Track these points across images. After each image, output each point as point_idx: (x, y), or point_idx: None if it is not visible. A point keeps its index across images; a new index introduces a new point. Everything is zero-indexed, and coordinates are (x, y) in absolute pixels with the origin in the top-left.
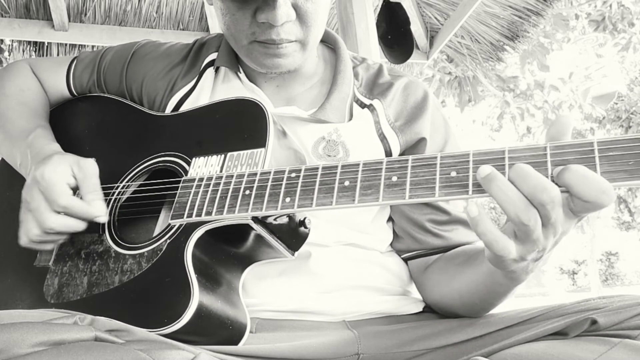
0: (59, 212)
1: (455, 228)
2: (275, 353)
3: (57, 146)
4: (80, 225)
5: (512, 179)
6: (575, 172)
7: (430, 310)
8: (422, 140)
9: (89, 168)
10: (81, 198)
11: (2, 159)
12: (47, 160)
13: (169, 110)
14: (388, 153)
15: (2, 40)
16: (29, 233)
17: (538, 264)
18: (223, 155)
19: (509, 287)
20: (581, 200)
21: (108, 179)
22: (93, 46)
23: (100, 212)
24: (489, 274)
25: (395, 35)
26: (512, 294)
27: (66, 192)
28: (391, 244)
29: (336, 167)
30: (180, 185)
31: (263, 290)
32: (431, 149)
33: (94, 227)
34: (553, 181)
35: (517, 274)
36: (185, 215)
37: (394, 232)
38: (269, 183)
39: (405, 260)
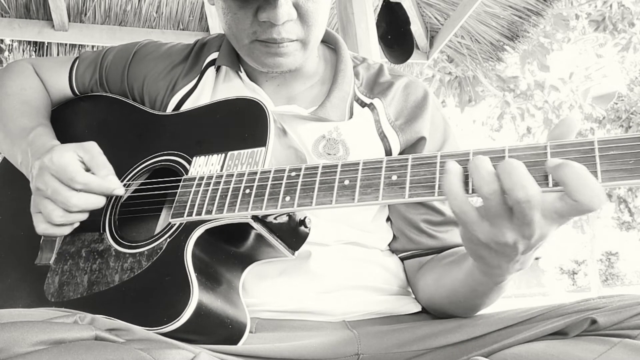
0: (79, 190)
1: (450, 229)
2: (275, 353)
3: (57, 143)
4: (102, 201)
5: (498, 172)
6: (573, 170)
7: None
8: (421, 140)
9: (93, 148)
10: None
11: (4, 157)
12: (50, 149)
13: (170, 109)
14: (388, 152)
15: (2, 40)
16: (50, 216)
17: (515, 266)
18: (223, 155)
19: (488, 285)
20: (571, 199)
21: None
22: (93, 46)
23: (117, 185)
24: (470, 272)
25: (395, 35)
26: (496, 295)
27: (81, 169)
28: (389, 244)
29: (336, 166)
30: (181, 184)
31: (263, 290)
32: (430, 148)
33: (94, 225)
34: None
35: (493, 270)
36: (185, 214)
37: None
38: (269, 182)
39: (401, 260)
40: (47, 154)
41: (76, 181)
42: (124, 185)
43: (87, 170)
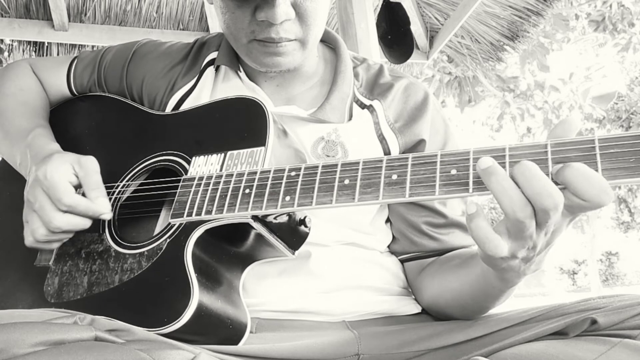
0: (64, 211)
1: (452, 231)
2: (275, 353)
3: (56, 146)
4: (86, 223)
5: (516, 177)
6: (577, 170)
7: None
8: (421, 142)
9: (90, 165)
10: (84, 195)
11: (2, 158)
12: (48, 159)
13: (169, 109)
14: (387, 154)
15: (1, 40)
16: (35, 233)
17: (530, 266)
18: (223, 154)
19: (502, 289)
20: (579, 199)
21: (108, 178)
22: (93, 46)
23: (105, 209)
24: (482, 275)
25: (395, 35)
26: (505, 298)
27: (70, 190)
28: (388, 246)
29: (336, 165)
30: (180, 184)
31: (263, 290)
32: (430, 151)
33: (94, 226)
34: (552, 180)
35: (509, 274)
36: (185, 215)
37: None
38: (269, 182)
39: (402, 262)
40: (43, 166)
41: (62, 203)
42: (123, 185)
43: (79, 186)
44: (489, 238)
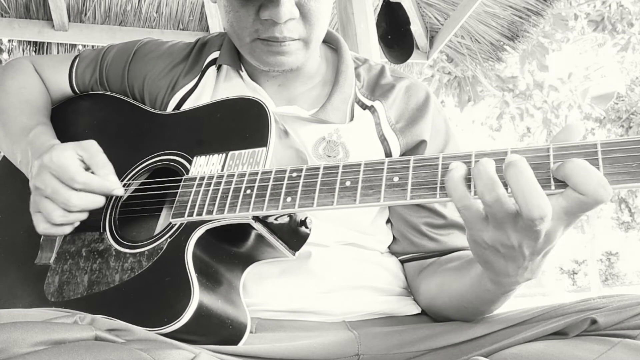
0: (79, 190)
1: (451, 232)
2: (275, 353)
3: (57, 142)
4: (101, 201)
5: (508, 176)
6: (577, 163)
7: None
8: (422, 143)
9: (92, 147)
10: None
11: (3, 156)
12: (50, 148)
13: (170, 109)
14: (388, 155)
15: (0, 40)
16: (50, 216)
17: (524, 273)
18: (224, 154)
19: (496, 294)
20: (578, 193)
21: None
22: (93, 46)
23: (117, 185)
24: (478, 279)
25: (395, 35)
26: (502, 303)
27: (81, 169)
28: (389, 246)
29: (337, 167)
30: (181, 184)
31: (263, 290)
32: (431, 151)
33: (95, 225)
34: (554, 179)
35: (503, 279)
36: (186, 214)
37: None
38: (270, 183)
39: (402, 262)
40: (46, 153)
41: (76, 180)
42: (124, 185)
43: (87, 169)
44: (460, 195)
